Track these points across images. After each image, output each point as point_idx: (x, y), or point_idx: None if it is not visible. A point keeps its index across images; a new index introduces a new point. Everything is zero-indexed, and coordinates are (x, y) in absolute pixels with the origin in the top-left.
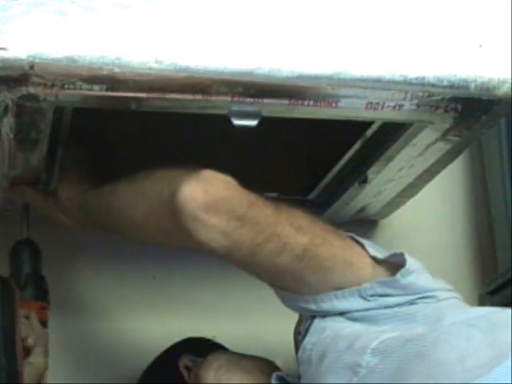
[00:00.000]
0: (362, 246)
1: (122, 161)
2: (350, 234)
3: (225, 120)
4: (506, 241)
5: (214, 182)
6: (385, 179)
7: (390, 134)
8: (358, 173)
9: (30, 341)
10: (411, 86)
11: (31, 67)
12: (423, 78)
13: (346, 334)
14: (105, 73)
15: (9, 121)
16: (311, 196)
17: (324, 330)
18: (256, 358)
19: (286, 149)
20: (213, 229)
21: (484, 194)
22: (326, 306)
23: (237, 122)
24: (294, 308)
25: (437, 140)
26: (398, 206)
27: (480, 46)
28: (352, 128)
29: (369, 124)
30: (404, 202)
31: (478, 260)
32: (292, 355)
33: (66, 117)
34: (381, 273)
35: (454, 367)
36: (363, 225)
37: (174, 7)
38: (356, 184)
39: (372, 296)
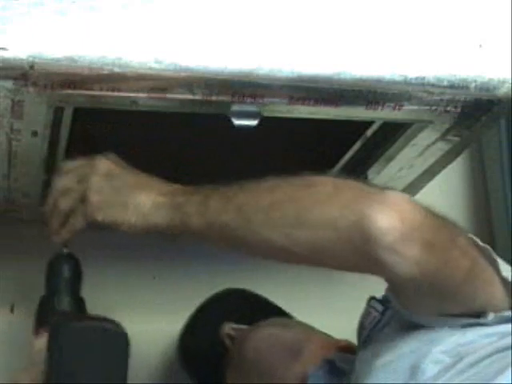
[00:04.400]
0: (496, 264)
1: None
2: (486, 247)
3: (225, 120)
4: (506, 241)
5: (407, 206)
6: (385, 179)
7: (390, 134)
8: (357, 173)
9: None
10: (411, 85)
11: (31, 67)
12: (423, 78)
13: (413, 339)
14: (105, 73)
15: (9, 121)
16: None
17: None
18: (304, 328)
19: (286, 149)
20: (409, 260)
21: (484, 194)
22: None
23: (237, 122)
24: (401, 319)
25: (437, 140)
26: None
27: (480, 46)
28: (352, 128)
29: (369, 124)
30: None
31: None
32: None
33: (65, 117)
34: (506, 298)
35: None
36: None
37: (174, 7)
38: None
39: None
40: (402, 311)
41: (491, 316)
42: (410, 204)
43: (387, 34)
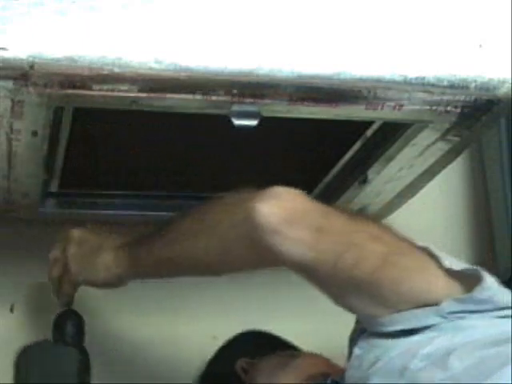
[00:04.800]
0: (437, 258)
1: (122, 161)
2: (425, 246)
3: (225, 120)
4: (506, 241)
5: (289, 196)
6: (385, 179)
7: (390, 134)
8: (357, 173)
9: None
10: (411, 85)
11: (31, 67)
12: (423, 78)
13: (401, 343)
14: (105, 73)
15: (9, 121)
16: (311, 196)
17: (380, 343)
18: (309, 355)
19: (286, 149)
20: (296, 241)
21: (484, 193)
22: (400, 326)
23: (237, 122)
24: (371, 329)
25: (437, 140)
26: (398, 206)
27: (480, 46)
28: (352, 128)
29: (369, 124)
30: (404, 202)
31: (477, 260)
32: None
33: (65, 117)
34: (456, 287)
35: None
36: None
37: (174, 7)
38: (356, 184)
39: (449, 313)
40: (362, 321)
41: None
42: (291, 194)
43: (387, 34)
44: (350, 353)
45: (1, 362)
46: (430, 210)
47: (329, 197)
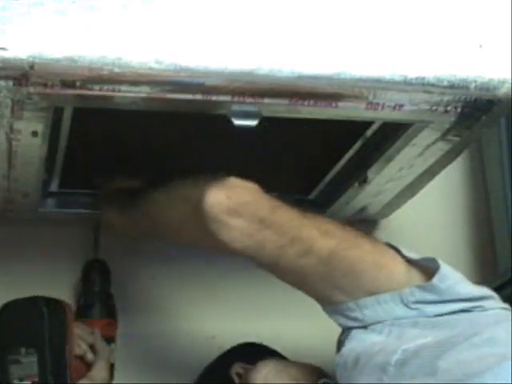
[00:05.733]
0: (397, 249)
1: (122, 161)
2: (384, 241)
3: (225, 120)
4: (506, 241)
5: (237, 188)
6: (385, 179)
7: (390, 134)
8: (358, 173)
9: (90, 356)
10: (411, 85)
11: (31, 67)
12: (423, 78)
13: (381, 340)
14: (105, 73)
15: (9, 121)
16: (311, 196)
17: (362, 340)
18: (303, 364)
19: (286, 149)
20: (235, 230)
21: (484, 193)
22: (369, 312)
23: (237, 122)
24: (341, 322)
25: (437, 140)
26: (398, 206)
27: (480, 46)
28: (352, 128)
29: (369, 124)
30: (404, 202)
31: (477, 260)
32: (289, 355)
33: (65, 117)
34: (416, 276)
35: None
36: (363, 225)
37: (173, 7)
38: (356, 184)
39: (414, 303)
40: (329, 314)
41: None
42: (241, 186)
43: (387, 34)
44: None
45: None
46: (430, 210)
47: (329, 197)
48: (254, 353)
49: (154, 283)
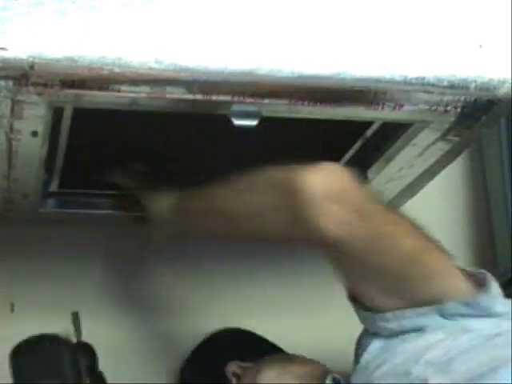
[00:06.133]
0: (451, 257)
1: (122, 161)
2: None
3: (225, 120)
4: (506, 241)
5: (334, 173)
6: (385, 179)
7: (390, 134)
8: (357, 173)
9: None
10: (411, 85)
11: (31, 67)
12: (423, 78)
13: (407, 347)
14: (105, 73)
15: (9, 121)
16: None
17: (388, 346)
18: (303, 360)
19: (286, 149)
20: (333, 217)
21: (484, 193)
22: (406, 322)
23: (237, 122)
24: (373, 327)
25: (437, 140)
26: (398, 206)
27: (480, 46)
28: (352, 128)
29: (369, 124)
30: (404, 202)
31: (477, 260)
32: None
33: (65, 117)
34: (468, 289)
35: None
36: None
37: (174, 7)
38: None
39: (452, 315)
40: (363, 319)
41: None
42: (341, 171)
43: (387, 34)
44: (357, 355)
45: (1, 362)
46: (430, 210)
47: None
48: (243, 343)
49: (154, 284)
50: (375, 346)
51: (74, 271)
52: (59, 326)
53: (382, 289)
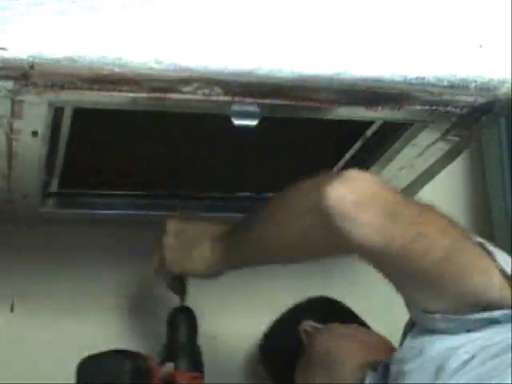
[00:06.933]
0: (493, 256)
1: (122, 161)
2: (480, 241)
3: (225, 120)
4: (506, 241)
5: (360, 180)
6: (385, 179)
7: (390, 134)
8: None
9: None
10: (411, 85)
11: (31, 67)
12: (423, 78)
13: (444, 342)
14: (105, 73)
15: (9, 121)
16: None
17: (427, 340)
18: (375, 334)
19: (286, 149)
20: (366, 225)
21: (484, 194)
22: (453, 324)
23: (237, 122)
24: (422, 324)
25: (437, 140)
26: None
27: (480, 47)
28: (352, 128)
29: (369, 124)
30: None
31: None
32: None
33: (66, 117)
34: (507, 289)
35: None
36: None
37: (174, 7)
38: None
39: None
40: (414, 315)
41: (499, 312)
42: (364, 177)
43: (387, 34)
44: (401, 343)
45: (1, 361)
46: None
47: None
48: (326, 310)
49: (154, 283)
50: (415, 336)
51: (74, 271)
52: (59, 325)
53: (423, 291)
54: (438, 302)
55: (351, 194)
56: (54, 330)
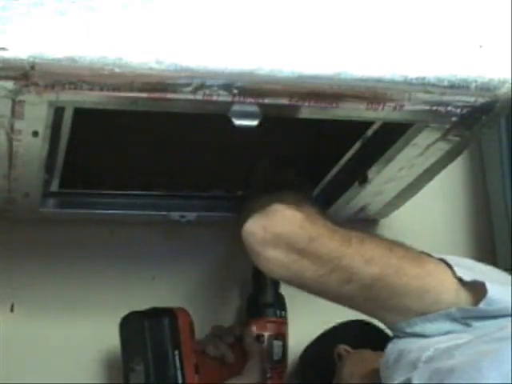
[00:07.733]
0: (450, 267)
1: (122, 161)
2: (440, 257)
3: (225, 120)
4: (506, 241)
5: (276, 218)
6: (385, 179)
7: (390, 134)
8: (357, 173)
9: (229, 356)
10: (411, 85)
11: (32, 67)
12: (423, 78)
13: (423, 341)
14: (105, 73)
15: (9, 121)
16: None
17: (405, 340)
18: None
19: (286, 149)
20: (271, 261)
21: (484, 194)
22: (419, 328)
23: (237, 121)
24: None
25: (437, 140)
26: (398, 206)
27: (480, 47)
28: (352, 128)
29: (369, 124)
30: (404, 202)
31: (477, 260)
32: (292, 354)
33: (66, 117)
34: (465, 297)
35: None
36: (363, 224)
37: (174, 7)
38: (356, 184)
39: (463, 318)
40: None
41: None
42: (281, 215)
43: (387, 34)
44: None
45: (1, 361)
46: (430, 210)
47: (329, 197)
48: (363, 335)
49: (152, 284)
50: (395, 341)
51: (74, 271)
52: (59, 325)
53: (369, 310)
54: (391, 316)
55: (263, 230)
56: (54, 330)
